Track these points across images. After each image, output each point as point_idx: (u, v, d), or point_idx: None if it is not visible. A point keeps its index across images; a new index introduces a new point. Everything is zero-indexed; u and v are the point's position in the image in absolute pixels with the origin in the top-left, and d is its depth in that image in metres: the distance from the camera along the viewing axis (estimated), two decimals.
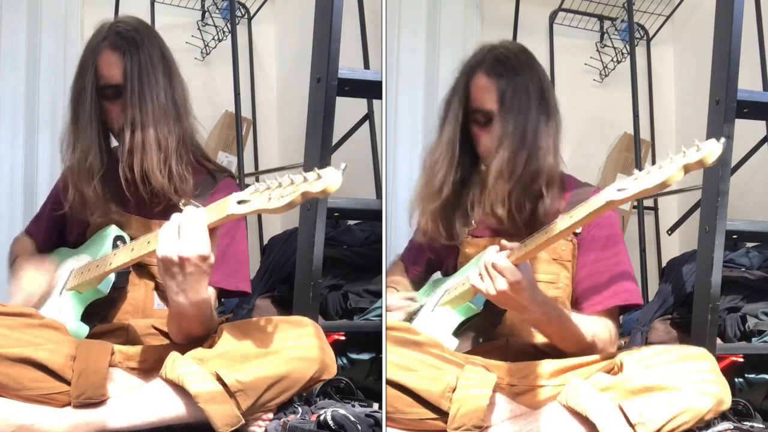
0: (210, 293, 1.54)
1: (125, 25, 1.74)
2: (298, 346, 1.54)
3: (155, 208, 1.70)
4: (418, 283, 1.90)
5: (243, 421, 1.50)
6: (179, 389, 1.50)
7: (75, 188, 1.72)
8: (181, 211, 1.46)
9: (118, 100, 1.70)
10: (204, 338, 1.60)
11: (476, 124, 1.75)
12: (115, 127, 1.72)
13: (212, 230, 1.43)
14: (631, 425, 1.43)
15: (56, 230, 1.88)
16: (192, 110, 1.78)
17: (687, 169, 1.30)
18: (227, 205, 1.38)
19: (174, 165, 1.69)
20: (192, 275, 1.43)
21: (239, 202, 1.36)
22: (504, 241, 1.58)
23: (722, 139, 1.29)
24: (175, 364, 1.51)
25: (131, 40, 1.70)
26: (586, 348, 1.64)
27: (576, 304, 1.75)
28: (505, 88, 1.70)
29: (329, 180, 1.26)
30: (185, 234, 1.41)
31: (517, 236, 1.62)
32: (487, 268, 1.55)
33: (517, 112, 1.69)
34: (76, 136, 1.71)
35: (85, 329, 1.63)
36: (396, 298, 1.81)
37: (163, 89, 1.71)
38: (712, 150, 1.28)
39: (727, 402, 1.48)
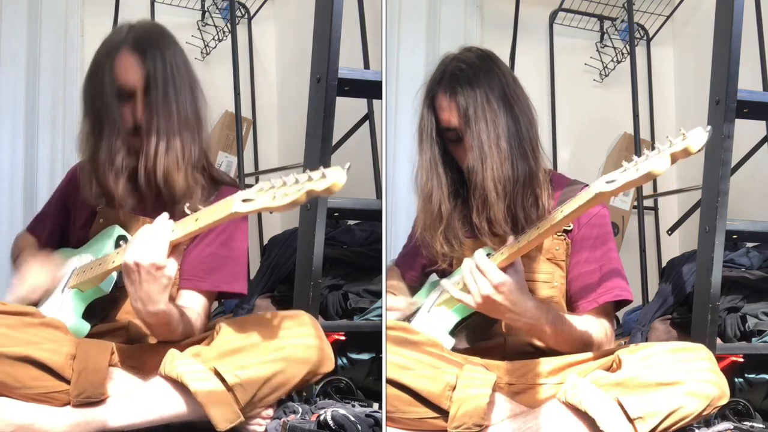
0: (170, 307, 1.54)
1: (147, 30, 1.73)
2: (296, 341, 1.55)
3: (166, 209, 1.69)
4: (415, 288, 1.90)
5: (242, 418, 1.51)
6: (178, 386, 1.51)
7: (98, 183, 1.70)
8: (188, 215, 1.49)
9: (129, 102, 1.69)
10: (190, 338, 1.62)
11: (449, 141, 1.75)
12: (123, 128, 1.71)
13: (206, 233, 1.46)
14: (630, 420, 1.43)
15: (59, 229, 1.88)
16: (208, 121, 1.78)
17: (674, 158, 1.30)
18: (231, 204, 1.39)
19: (191, 170, 1.69)
20: (147, 283, 1.47)
21: (244, 201, 1.37)
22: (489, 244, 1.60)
23: (708, 127, 1.30)
24: (174, 361, 1.52)
25: (153, 46, 1.69)
26: (582, 347, 1.65)
27: (570, 303, 1.76)
28: (465, 105, 1.68)
29: (334, 179, 1.26)
30: (145, 242, 1.47)
31: (506, 235, 1.65)
32: (469, 273, 1.56)
33: (484, 125, 1.66)
34: (99, 133, 1.69)
35: (86, 326, 1.63)
36: (397, 299, 1.82)
37: (186, 97, 1.71)
38: (697, 138, 1.29)
39: (725, 396, 1.48)
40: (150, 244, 1.46)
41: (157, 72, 1.67)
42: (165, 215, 1.51)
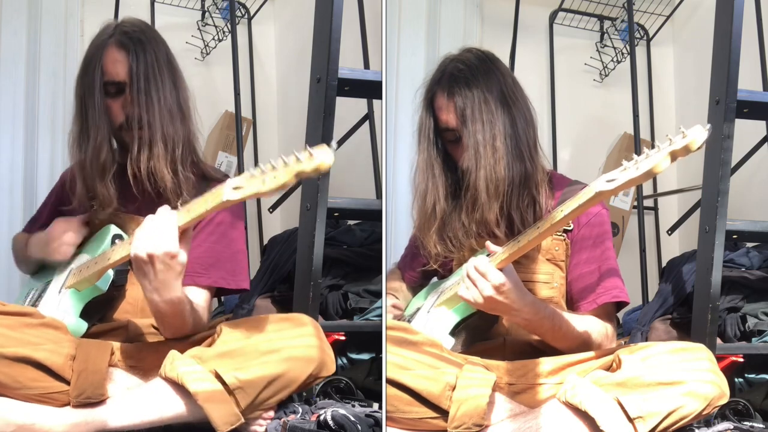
0: (184, 293, 1.55)
1: (132, 25, 1.76)
2: (297, 345, 1.55)
3: (158, 207, 1.70)
4: (416, 289, 1.90)
5: (242, 420, 1.51)
6: (179, 388, 1.51)
7: (85, 185, 1.73)
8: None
9: (119, 97, 1.71)
10: (196, 334, 1.62)
11: (448, 142, 1.75)
12: (114, 124, 1.73)
13: (198, 224, 1.49)
14: (630, 420, 1.43)
15: None
16: (195, 115, 1.79)
17: (674, 156, 1.30)
18: (222, 192, 1.39)
19: (179, 164, 1.70)
20: (162, 273, 1.47)
21: (234, 189, 1.37)
22: (489, 243, 1.59)
23: (708, 125, 1.30)
24: (175, 362, 1.52)
25: (137, 41, 1.72)
26: (582, 345, 1.65)
27: (571, 304, 1.76)
28: (462, 105, 1.68)
29: (321, 158, 1.26)
30: (154, 233, 1.46)
31: (505, 236, 1.64)
32: (470, 275, 1.56)
33: (481, 126, 1.67)
34: (86, 133, 1.72)
35: (83, 325, 1.64)
36: (397, 301, 1.82)
37: (169, 90, 1.72)
38: (697, 136, 1.28)
39: (725, 396, 1.48)
40: (160, 234, 1.46)
41: (139, 66, 1.69)
42: (166, 207, 1.51)
